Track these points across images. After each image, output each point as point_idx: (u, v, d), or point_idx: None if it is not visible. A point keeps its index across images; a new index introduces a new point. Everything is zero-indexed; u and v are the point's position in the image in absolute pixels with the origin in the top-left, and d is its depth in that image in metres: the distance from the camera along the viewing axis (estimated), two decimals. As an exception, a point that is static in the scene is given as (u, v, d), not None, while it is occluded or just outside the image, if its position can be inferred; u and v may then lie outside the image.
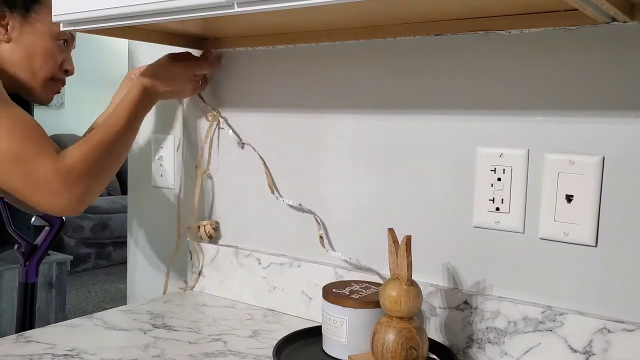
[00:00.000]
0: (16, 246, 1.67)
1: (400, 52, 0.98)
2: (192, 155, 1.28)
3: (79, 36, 1.28)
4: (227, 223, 1.23)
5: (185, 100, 1.28)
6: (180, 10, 0.85)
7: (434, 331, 0.94)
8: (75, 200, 0.97)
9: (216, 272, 1.22)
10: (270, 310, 1.14)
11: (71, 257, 3.09)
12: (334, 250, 1.07)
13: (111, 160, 1.03)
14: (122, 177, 5.76)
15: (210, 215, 1.25)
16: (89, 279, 4.68)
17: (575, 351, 0.82)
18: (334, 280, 1.05)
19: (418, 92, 0.97)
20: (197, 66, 1.17)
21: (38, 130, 0.98)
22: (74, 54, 1.26)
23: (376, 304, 0.86)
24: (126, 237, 1.47)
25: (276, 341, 0.92)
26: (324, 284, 0.96)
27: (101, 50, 5.84)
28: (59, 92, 1.23)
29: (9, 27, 1.13)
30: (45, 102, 1.20)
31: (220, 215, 1.23)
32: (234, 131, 1.19)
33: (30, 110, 2.81)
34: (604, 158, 0.81)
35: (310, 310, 1.09)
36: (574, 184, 0.83)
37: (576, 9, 0.72)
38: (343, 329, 0.88)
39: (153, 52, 1.25)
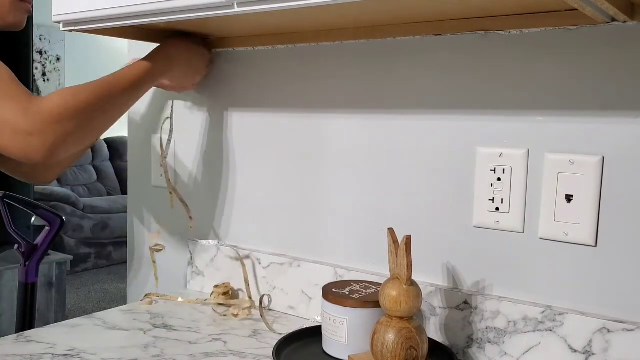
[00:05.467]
0: (16, 246, 1.68)
1: (400, 52, 0.98)
2: (191, 154, 1.28)
3: (78, 36, 1.28)
4: (228, 223, 1.23)
5: (185, 100, 1.27)
6: (180, 10, 0.86)
7: (434, 331, 0.94)
8: (45, 145, 0.88)
9: (216, 272, 1.22)
10: (270, 310, 1.14)
11: (71, 257, 3.09)
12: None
13: (99, 115, 0.95)
14: (122, 177, 5.77)
15: (212, 216, 1.25)
16: (89, 279, 4.68)
17: (575, 351, 0.82)
18: (334, 280, 1.05)
19: (418, 92, 0.97)
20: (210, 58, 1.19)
21: (5, 74, 0.91)
22: (72, 52, 1.24)
23: (376, 304, 0.86)
24: (126, 237, 1.47)
25: (276, 341, 0.92)
26: (324, 284, 0.96)
27: (100, 50, 5.85)
28: (30, 13, 1.10)
29: None
30: (18, 25, 1.08)
31: (221, 215, 1.23)
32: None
33: (30, 86, 2.78)
34: (604, 158, 0.81)
35: (310, 310, 1.09)
36: (574, 184, 0.83)
37: (576, 9, 0.72)
38: (343, 329, 0.88)
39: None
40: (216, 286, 1.18)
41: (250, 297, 1.14)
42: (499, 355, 0.88)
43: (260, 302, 1.09)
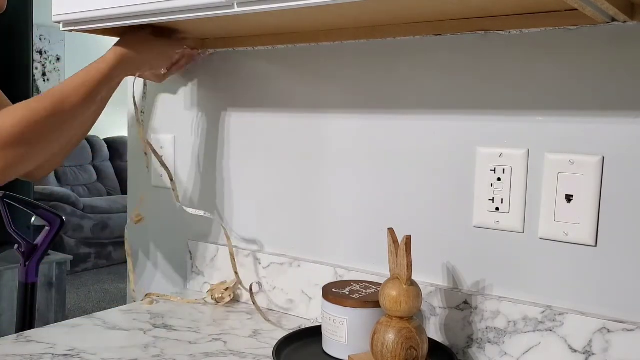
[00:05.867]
0: (16, 246, 1.68)
1: (400, 52, 0.98)
2: (190, 154, 1.28)
3: (78, 36, 1.28)
4: (228, 223, 1.23)
5: (185, 100, 1.27)
6: (180, 10, 0.86)
7: (434, 331, 0.94)
8: None
9: (216, 272, 1.22)
10: (270, 310, 1.14)
11: (71, 257, 3.09)
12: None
13: (55, 131, 0.91)
14: (122, 177, 5.77)
15: (212, 216, 1.25)
16: (89, 279, 4.68)
17: (575, 351, 0.82)
18: (334, 280, 1.05)
19: (418, 92, 0.97)
20: (178, 45, 1.12)
21: None
22: (72, 52, 1.23)
23: (376, 304, 0.86)
24: (126, 237, 1.46)
25: (276, 341, 0.92)
26: (324, 284, 0.96)
27: (100, 50, 5.84)
28: None
29: None
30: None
31: (221, 215, 1.23)
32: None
33: (30, 86, 2.78)
34: (603, 158, 0.81)
35: (310, 310, 1.09)
36: (574, 184, 0.83)
37: (576, 9, 0.72)
38: (343, 329, 0.88)
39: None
40: (211, 287, 1.18)
41: (236, 272, 1.14)
42: (499, 355, 0.88)
43: (251, 290, 1.09)
